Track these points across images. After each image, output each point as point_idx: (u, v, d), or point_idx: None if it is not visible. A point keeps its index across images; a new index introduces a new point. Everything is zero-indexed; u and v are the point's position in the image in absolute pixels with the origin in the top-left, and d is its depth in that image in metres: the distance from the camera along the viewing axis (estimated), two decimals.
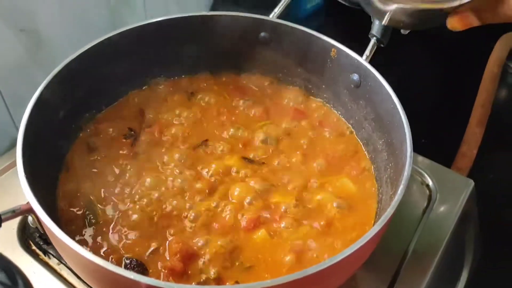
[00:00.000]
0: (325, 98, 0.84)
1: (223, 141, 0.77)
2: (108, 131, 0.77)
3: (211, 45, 0.83)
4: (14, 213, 0.54)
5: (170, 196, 0.68)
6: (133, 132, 0.77)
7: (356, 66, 0.74)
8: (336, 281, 0.58)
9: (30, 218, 0.58)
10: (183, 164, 0.73)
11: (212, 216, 0.67)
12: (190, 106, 0.82)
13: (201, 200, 0.68)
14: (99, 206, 0.67)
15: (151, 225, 0.65)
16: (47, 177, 0.67)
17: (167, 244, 0.63)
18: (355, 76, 0.75)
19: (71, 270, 0.68)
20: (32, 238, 0.72)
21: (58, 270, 0.69)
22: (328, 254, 0.63)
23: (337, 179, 0.73)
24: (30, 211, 0.55)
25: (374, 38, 0.72)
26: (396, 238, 0.74)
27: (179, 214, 0.67)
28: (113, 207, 0.67)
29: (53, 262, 0.70)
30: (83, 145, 0.74)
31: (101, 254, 0.62)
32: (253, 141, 0.77)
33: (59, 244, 0.54)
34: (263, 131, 0.78)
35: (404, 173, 0.58)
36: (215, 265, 0.61)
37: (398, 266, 0.72)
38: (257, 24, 0.81)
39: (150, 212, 0.66)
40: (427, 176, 0.84)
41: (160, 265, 0.61)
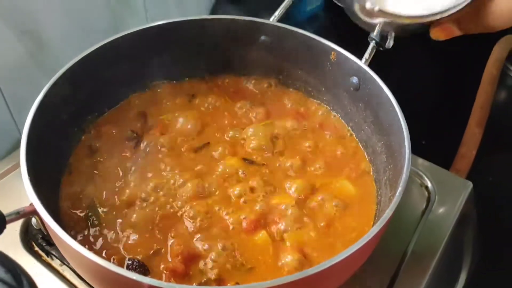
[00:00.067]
0: (325, 101, 0.85)
1: (224, 143, 0.77)
2: (111, 134, 0.77)
3: (212, 48, 0.84)
4: (19, 215, 0.54)
5: (172, 198, 0.69)
6: (135, 135, 0.77)
7: (356, 69, 0.74)
8: (336, 282, 0.59)
9: (34, 220, 0.58)
10: (185, 166, 0.73)
11: (213, 218, 0.67)
12: (191, 109, 0.83)
13: (203, 202, 0.69)
14: (101, 208, 0.68)
15: (153, 227, 0.66)
16: (50, 179, 0.67)
17: (169, 246, 0.64)
18: (355, 79, 0.75)
19: (74, 271, 0.69)
20: (35, 240, 0.72)
21: (61, 271, 0.70)
22: (328, 255, 0.63)
23: (337, 181, 0.73)
24: (34, 213, 0.55)
25: (373, 42, 0.73)
26: (395, 239, 0.74)
27: (181, 216, 0.67)
28: (115, 209, 0.68)
29: (56, 263, 0.71)
30: (86, 148, 0.75)
31: (103, 255, 0.63)
32: (254, 143, 0.77)
33: (62, 245, 0.55)
34: (264, 133, 0.79)
35: (403, 175, 0.59)
36: (216, 267, 0.61)
37: (397, 267, 0.72)
38: (258, 28, 0.81)
39: (152, 214, 0.67)
40: (426, 178, 0.84)
41: (162, 266, 0.61)
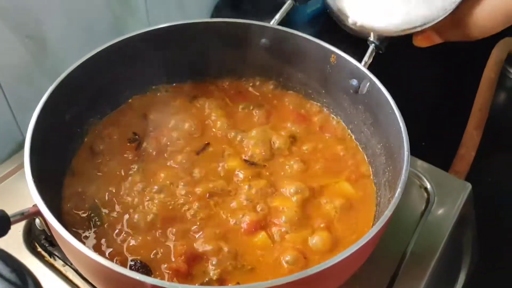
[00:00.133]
0: (325, 103, 0.85)
1: (225, 145, 0.78)
2: (113, 136, 0.78)
3: (213, 51, 0.84)
4: (23, 216, 0.55)
5: (174, 199, 0.69)
6: (137, 136, 0.78)
7: (355, 72, 0.75)
8: (336, 282, 0.59)
9: (38, 221, 0.59)
10: (186, 168, 0.74)
11: (215, 219, 0.68)
12: (192, 111, 0.83)
13: (204, 203, 0.69)
14: (104, 209, 0.68)
15: (155, 228, 0.66)
16: (53, 181, 0.68)
17: (172, 246, 0.64)
18: (354, 82, 0.76)
19: (76, 272, 0.70)
20: (38, 240, 0.73)
21: (64, 272, 0.70)
22: (328, 256, 0.64)
23: (337, 183, 0.74)
24: (38, 214, 0.56)
25: (373, 45, 0.73)
26: (395, 240, 0.75)
27: (183, 217, 0.68)
28: (118, 210, 0.68)
29: (59, 264, 0.71)
30: (88, 149, 0.76)
31: (106, 256, 0.63)
32: (255, 145, 0.78)
33: (66, 246, 0.55)
34: (264, 135, 0.79)
35: (402, 177, 0.59)
36: (218, 267, 0.62)
37: (397, 268, 0.73)
38: (258, 31, 0.82)
39: (154, 215, 0.67)
40: (425, 180, 0.85)
41: (164, 267, 0.62)
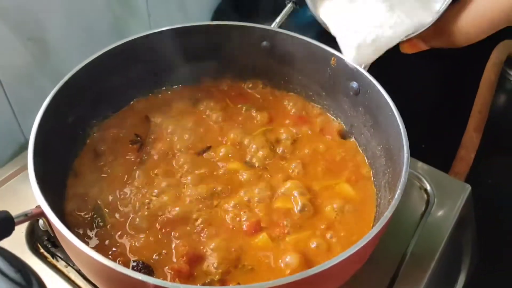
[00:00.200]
0: (325, 105, 0.86)
1: (226, 147, 0.78)
2: (115, 137, 0.78)
3: (214, 53, 0.85)
4: (26, 217, 0.55)
5: (176, 201, 0.70)
6: (139, 138, 0.79)
7: (355, 74, 0.75)
8: (336, 283, 0.60)
9: (41, 222, 0.59)
10: (188, 170, 0.74)
11: (216, 220, 0.68)
12: (194, 113, 0.84)
13: (205, 205, 0.70)
14: (107, 210, 0.69)
15: (157, 229, 0.67)
16: (56, 182, 0.68)
17: (174, 247, 0.65)
18: (354, 84, 0.76)
19: (79, 273, 0.70)
20: (40, 241, 0.74)
21: (66, 273, 0.71)
22: (328, 257, 0.64)
23: (337, 184, 0.75)
24: (41, 215, 0.56)
25: None
26: (395, 241, 0.75)
27: (184, 218, 0.68)
28: (120, 211, 0.69)
29: (61, 265, 0.71)
30: (91, 151, 0.76)
31: (109, 257, 0.63)
32: (256, 147, 0.78)
33: (69, 247, 0.56)
34: (265, 137, 0.80)
35: (401, 178, 0.60)
36: (219, 268, 0.62)
37: (397, 269, 0.73)
38: (260, 34, 0.83)
39: (156, 216, 0.68)
40: (425, 181, 0.85)
41: (167, 268, 0.63)
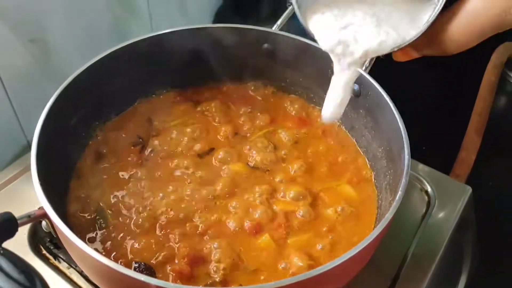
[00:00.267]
0: None
1: (228, 149, 0.79)
2: (117, 139, 0.79)
3: (216, 56, 0.85)
4: (29, 218, 0.56)
5: (177, 202, 0.70)
6: (141, 140, 0.79)
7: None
8: (337, 284, 0.60)
9: (44, 223, 0.60)
10: (190, 171, 0.75)
11: (218, 222, 0.69)
12: (196, 115, 0.84)
13: (207, 206, 0.70)
14: (109, 212, 0.69)
15: (159, 230, 0.67)
16: (59, 184, 0.69)
17: (175, 249, 0.65)
18: (355, 86, 0.76)
19: (81, 274, 0.70)
20: (43, 243, 0.74)
21: (68, 274, 0.71)
22: (330, 258, 0.65)
23: (338, 186, 0.75)
24: (44, 216, 0.57)
25: None
26: (396, 243, 0.76)
27: (186, 220, 0.68)
28: (122, 213, 0.69)
29: (63, 266, 0.72)
30: (93, 153, 0.76)
31: (110, 258, 0.64)
32: (257, 149, 0.79)
33: (72, 248, 0.56)
34: (267, 139, 0.80)
35: (402, 180, 0.60)
36: (221, 269, 0.63)
37: (398, 270, 0.73)
38: (261, 36, 0.83)
39: (158, 218, 0.68)
40: (426, 183, 0.85)
41: (168, 269, 0.63)
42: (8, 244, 0.52)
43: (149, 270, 0.63)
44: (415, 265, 0.74)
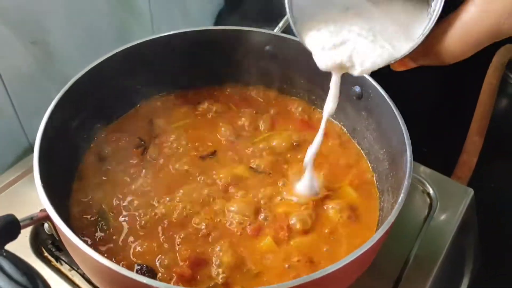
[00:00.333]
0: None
1: (230, 151, 0.79)
2: (119, 141, 0.79)
3: (218, 58, 0.85)
4: (32, 220, 0.56)
5: (179, 204, 0.70)
6: (143, 142, 0.79)
7: (358, 79, 0.75)
8: (339, 287, 0.60)
9: (46, 225, 0.60)
10: (192, 173, 0.75)
11: (220, 224, 0.69)
12: (198, 117, 0.84)
13: (209, 209, 0.70)
14: (111, 214, 0.69)
15: (161, 232, 0.67)
16: (61, 186, 0.69)
17: (177, 251, 0.65)
18: (357, 88, 0.77)
19: (83, 276, 0.70)
20: (45, 245, 0.74)
21: (70, 276, 0.71)
22: (332, 261, 0.64)
23: (340, 188, 0.75)
24: (46, 218, 0.57)
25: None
26: (398, 245, 0.76)
27: (188, 222, 0.68)
28: (124, 215, 0.69)
29: (65, 268, 0.72)
30: (95, 155, 0.76)
31: (112, 260, 0.64)
32: (259, 152, 0.79)
33: (74, 250, 0.56)
34: (269, 142, 0.81)
35: (405, 183, 0.60)
36: (223, 271, 0.63)
37: (400, 273, 0.73)
38: (263, 38, 0.83)
39: (160, 220, 0.68)
40: (428, 185, 0.86)
41: (170, 271, 0.63)
42: (10, 246, 0.52)
43: (151, 273, 0.63)
44: (417, 267, 0.74)
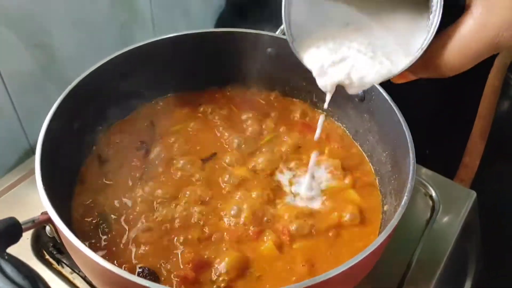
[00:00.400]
0: (330, 111, 0.86)
1: (232, 153, 0.78)
2: (121, 144, 0.79)
3: (219, 60, 0.85)
4: (34, 223, 0.56)
5: (181, 207, 0.70)
6: (145, 145, 0.79)
7: None
8: None
9: (48, 228, 0.60)
10: (193, 176, 0.74)
11: (222, 227, 0.69)
12: (199, 119, 0.84)
13: (212, 211, 0.70)
14: (113, 217, 0.69)
15: (163, 235, 0.67)
16: (63, 189, 0.69)
17: (179, 254, 0.65)
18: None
19: (84, 279, 0.70)
20: (46, 248, 0.74)
21: (71, 279, 0.71)
22: (335, 264, 0.64)
23: (343, 191, 0.75)
24: (48, 221, 0.57)
25: None
26: (401, 248, 0.75)
27: (190, 225, 0.68)
28: (126, 218, 0.69)
29: (66, 271, 0.72)
30: (97, 158, 0.76)
31: (114, 263, 0.64)
32: (261, 154, 0.79)
33: (76, 253, 0.56)
34: (270, 144, 0.80)
35: (408, 185, 0.60)
36: (226, 275, 0.63)
37: (403, 276, 0.73)
38: (264, 40, 0.83)
39: (162, 223, 0.68)
40: (430, 187, 0.85)
41: (172, 274, 0.63)
42: (11, 249, 0.52)
43: (153, 275, 0.62)
44: (420, 270, 0.74)
